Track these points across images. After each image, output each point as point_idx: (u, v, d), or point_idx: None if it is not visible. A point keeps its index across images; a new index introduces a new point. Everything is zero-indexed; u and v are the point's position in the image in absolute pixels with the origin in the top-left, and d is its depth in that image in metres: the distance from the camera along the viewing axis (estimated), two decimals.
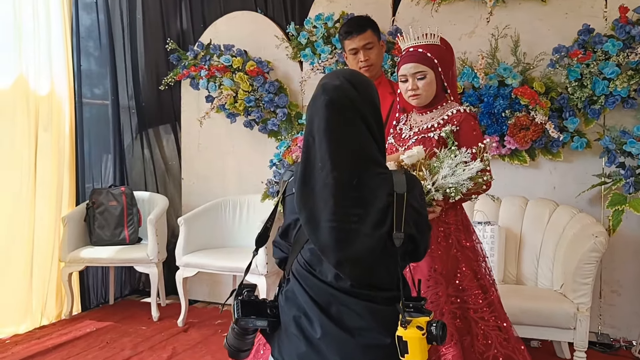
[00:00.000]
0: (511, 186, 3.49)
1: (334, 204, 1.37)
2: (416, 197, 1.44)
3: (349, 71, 1.54)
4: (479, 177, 1.98)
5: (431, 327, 1.33)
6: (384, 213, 1.38)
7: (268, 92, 3.93)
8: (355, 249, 1.37)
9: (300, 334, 1.43)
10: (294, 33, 3.91)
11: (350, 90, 1.43)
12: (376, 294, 1.42)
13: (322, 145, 1.40)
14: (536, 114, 3.22)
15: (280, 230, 1.58)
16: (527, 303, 2.84)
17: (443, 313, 1.96)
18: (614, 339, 3.38)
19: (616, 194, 3.12)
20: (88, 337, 3.58)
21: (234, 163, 4.26)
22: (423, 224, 1.48)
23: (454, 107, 2.21)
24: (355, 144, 1.40)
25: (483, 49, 3.47)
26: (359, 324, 1.40)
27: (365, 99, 1.46)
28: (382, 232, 1.38)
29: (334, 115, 1.41)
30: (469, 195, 2.04)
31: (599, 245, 2.77)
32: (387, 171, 1.44)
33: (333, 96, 1.42)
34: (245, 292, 1.51)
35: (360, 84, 1.48)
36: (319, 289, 1.44)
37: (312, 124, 1.44)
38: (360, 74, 1.56)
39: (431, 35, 2.17)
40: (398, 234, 1.37)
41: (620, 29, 3.15)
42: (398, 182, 1.41)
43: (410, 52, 2.18)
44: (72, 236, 3.95)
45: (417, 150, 2.00)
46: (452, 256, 2.10)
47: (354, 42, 2.74)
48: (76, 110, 4.22)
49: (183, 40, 4.41)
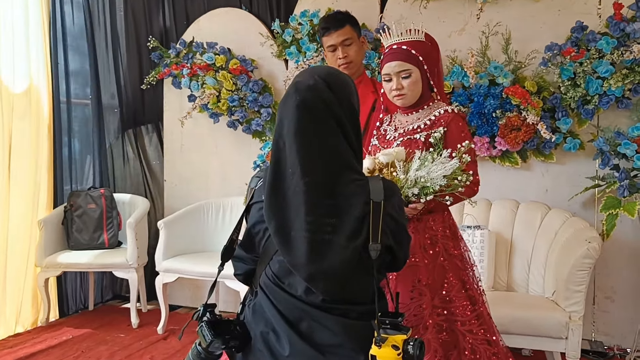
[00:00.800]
0: (502, 189, 3.38)
1: (306, 213, 1.26)
2: (394, 206, 1.34)
3: (326, 69, 1.43)
4: (455, 176, 1.85)
5: (408, 346, 1.22)
6: (360, 222, 1.28)
7: (252, 91, 3.80)
8: (329, 262, 1.26)
9: (267, 351, 1.33)
10: (279, 30, 3.79)
11: (324, 91, 1.33)
12: (350, 309, 1.32)
13: (292, 149, 1.29)
14: (528, 114, 3.11)
15: (242, 242, 1.46)
16: (517, 312, 2.73)
17: (427, 326, 1.85)
18: (607, 346, 3.28)
19: (610, 197, 3.01)
20: (63, 346, 3.44)
21: (218, 164, 4.13)
22: (402, 234, 1.38)
23: (441, 107, 2.09)
24: (328, 149, 1.30)
25: (473, 47, 3.35)
26: (330, 340, 1.29)
27: (342, 100, 1.35)
28: (358, 244, 1.28)
29: (306, 117, 1.30)
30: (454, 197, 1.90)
31: (592, 252, 2.66)
32: (364, 178, 1.33)
33: (306, 97, 1.32)
34: (208, 313, 1.38)
35: (337, 84, 1.37)
36: (288, 304, 1.33)
37: (282, 126, 1.33)
38: (339, 73, 1.45)
39: (415, 31, 2.05)
40: (374, 245, 1.27)
41: (615, 26, 3.04)
42: (375, 189, 1.31)
43: (393, 49, 2.05)
44: (48, 240, 3.81)
45: (397, 150, 1.89)
46: (438, 265, 1.98)
47: (331, 38, 2.62)
48: (54, 109, 4.07)
49: (166, 37, 4.28)
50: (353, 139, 1.36)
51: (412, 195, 1.87)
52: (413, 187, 1.86)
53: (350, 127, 1.36)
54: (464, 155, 1.90)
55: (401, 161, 1.93)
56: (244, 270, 1.50)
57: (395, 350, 1.21)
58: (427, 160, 1.89)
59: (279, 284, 1.35)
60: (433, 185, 1.84)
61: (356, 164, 1.35)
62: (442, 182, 1.84)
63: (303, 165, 1.27)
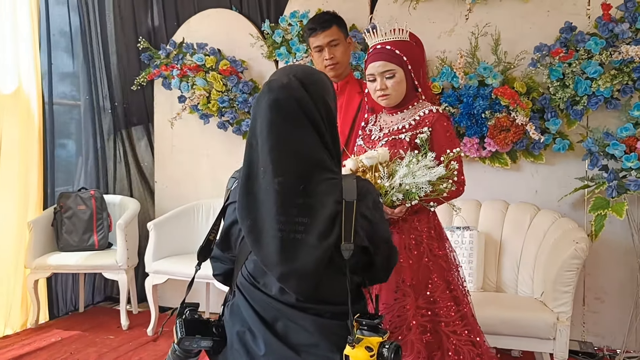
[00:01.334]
0: (492, 190, 3.38)
1: (277, 212, 1.26)
2: (369, 206, 1.32)
3: (301, 68, 1.41)
4: (440, 182, 1.85)
5: (383, 349, 1.21)
6: (331, 222, 1.27)
7: (242, 92, 3.80)
8: (301, 262, 1.25)
9: (244, 351, 1.33)
10: (269, 31, 3.78)
11: (298, 90, 1.32)
12: (325, 309, 1.31)
13: (264, 148, 1.28)
14: (517, 115, 3.10)
15: (218, 242, 1.46)
16: (505, 313, 2.72)
17: (411, 327, 1.84)
18: (597, 347, 3.27)
19: (599, 197, 3.01)
20: (52, 348, 3.42)
21: (208, 165, 4.12)
22: (378, 235, 1.36)
23: (426, 106, 2.08)
24: (300, 149, 1.29)
25: (463, 48, 3.35)
26: (306, 340, 1.29)
27: (317, 99, 1.34)
28: (329, 243, 1.26)
29: (279, 116, 1.29)
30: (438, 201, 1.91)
31: (580, 252, 2.66)
32: (337, 177, 1.31)
33: (279, 96, 1.30)
34: (188, 311, 1.40)
35: (313, 84, 1.36)
36: (264, 303, 1.33)
37: (255, 126, 1.32)
38: (314, 72, 1.43)
39: (399, 31, 2.04)
40: (346, 245, 1.26)
41: (603, 26, 3.04)
42: (348, 188, 1.29)
43: (377, 49, 2.05)
44: (38, 242, 3.79)
45: (380, 151, 1.88)
46: (423, 265, 1.97)
47: (318, 39, 2.62)
48: (44, 110, 4.05)
49: (155, 38, 4.26)
50: (328, 138, 1.34)
51: (396, 200, 1.87)
52: (397, 193, 1.86)
53: (326, 125, 1.34)
54: (452, 163, 1.89)
55: (385, 163, 1.93)
56: (223, 271, 1.50)
57: (369, 352, 1.20)
58: (412, 163, 1.88)
59: (254, 283, 1.35)
60: (418, 191, 1.85)
61: (330, 163, 1.33)
62: (428, 188, 1.84)
63: (275, 164, 1.27)
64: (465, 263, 3.05)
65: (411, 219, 2.00)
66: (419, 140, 1.99)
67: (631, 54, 2.90)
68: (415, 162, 1.86)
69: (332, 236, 1.26)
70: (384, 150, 1.90)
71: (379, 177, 1.84)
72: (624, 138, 2.97)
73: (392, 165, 1.91)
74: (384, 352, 1.20)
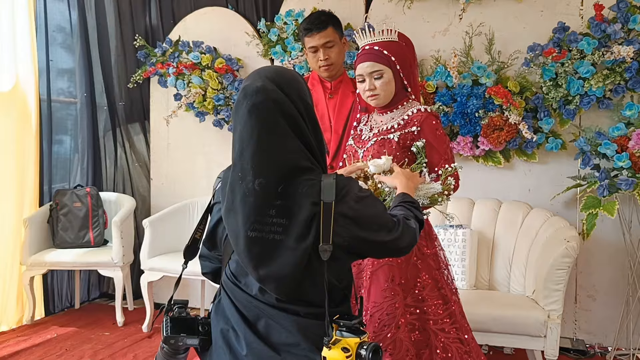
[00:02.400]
0: (485, 188, 3.40)
1: (256, 214, 1.27)
2: (351, 205, 1.31)
3: (272, 69, 1.39)
4: (437, 197, 1.88)
5: (361, 350, 1.21)
6: (308, 224, 1.27)
7: (238, 90, 3.81)
8: (278, 265, 1.26)
9: (227, 349, 1.34)
10: (264, 30, 3.79)
11: (273, 91, 1.30)
12: (306, 310, 1.31)
13: (246, 152, 1.28)
14: (510, 114, 3.12)
15: (204, 240, 1.48)
16: (497, 310, 2.74)
17: (400, 325, 1.86)
18: (589, 345, 3.30)
19: (590, 196, 3.03)
20: (47, 344, 3.44)
21: (204, 163, 4.14)
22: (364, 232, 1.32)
23: (414, 106, 2.10)
24: (280, 151, 1.28)
25: (457, 47, 3.37)
26: (287, 340, 1.30)
27: (293, 97, 1.32)
28: (307, 245, 1.26)
29: (257, 121, 1.28)
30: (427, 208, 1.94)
31: (571, 251, 2.68)
32: (316, 177, 1.31)
33: (255, 100, 1.29)
34: (176, 309, 1.41)
35: (288, 83, 1.34)
36: (246, 302, 1.34)
37: (236, 132, 1.33)
38: (286, 71, 1.41)
39: (388, 32, 2.06)
40: (325, 246, 1.25)
41: (596, 27, 3.06)
42: (326, 188, 1.28)
43: (366, 50, 2.07)
44: (34, 238, 3.81)
45: (385, 159, 1.90)
46: (412, 264, 2.00)
47: (313, 39, 2.62)
48: (41, 107, 4.06)
49: (152, 36, 4.27)
50: (309, 136, 1.33)
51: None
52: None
53: (307, 123, 1.33)
54: (449, 179, 1.92)
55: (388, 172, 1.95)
56: (211, 269, 1.51)
57: (345, 353, 1.19)
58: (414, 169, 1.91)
59: (237, 282, 1.37)
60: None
61: (310, 164, 1.32)
62: (425, 201, 1.87)
63: (255, 167, 1.27)
64: (458, 261, 3.08)
65: None
66: (414, 149, 2.01)
67: (623, 54, 2.92)
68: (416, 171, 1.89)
69: (309, 238, 1.26)
70: (388, 159, 1.92)
71: (380, 183, 1.86)
72: (616, 138, 3.00)
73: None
74: (362, 353, 1.20)
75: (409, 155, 2.04)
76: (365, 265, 2.02)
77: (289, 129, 1.29)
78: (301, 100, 1.34)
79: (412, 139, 2.02)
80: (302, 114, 1.32)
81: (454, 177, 2.01)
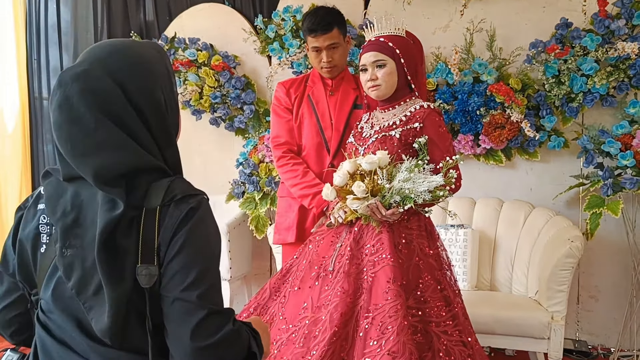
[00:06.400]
0: (486, 187, 3.35)
1: (61, 238, 1.01)
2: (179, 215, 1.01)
3: (112, 46, 1.04)
4: (438, 190, 1.84)
5: None
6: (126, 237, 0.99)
7: (234, 87, 3.75)
8: (91, 291, 0.99)
9: None
10: (262, 26, 3.73)
11: (98, 80, 0.98)
12: (136, 358, 1.01)
13: (67, 157, 1.01)
14: (512, 112, 3.07)
15: None
16: (499, 312, 2.69)
17: (403, 328, 1.80)
18: (591, 346, 3.25)
19: (594, 196, 2.98)
20: None
21: (200, 161, 4.07)
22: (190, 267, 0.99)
23: (417, 102, 2.06)
24: (100, 159, 0.97)
25: (458, 44, 3.32)
26: None
27: (131, 89, 1.00)
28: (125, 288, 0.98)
29: (70, 118, 0.97)
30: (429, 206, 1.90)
31: (575, 251, 2.63)
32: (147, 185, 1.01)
33: (71, 91, 0.97)
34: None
35: (129, 67, 1.01)
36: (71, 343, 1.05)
37: (53, 131, 1.02)
38: (134, 49, 1.05)
39: (396, 28, 2.07)
40: (143, 268, 0.97)
41: (599, 23, 3.01)
42: (154, 194, 1.00)
43: (371, 41, 2.08)
44: None
45: (380, 155, 1.85)
46: (413, 265, 1.94)
47: (317, 41, 2.52)
48: (31, 106, 4.00)
49: (148, 33, 4.21)
50: (146, 137, 1.02)
51: (394, 203, 1.88)
52: (395, 195, 1.85)
53: (147, 117, 1.02)
54: (450, 171, 1.89)
55: (385, 167, 1.91)
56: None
57: None
58: (413, 172, 1.87)
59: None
60: (416, 197, 1.85)
61: (145, 174, 1.01)
62: (427, 196, 1.83)
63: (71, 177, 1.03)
64: (460, 261, 3.03)
65: (401, 217, 1.97)
66: (416, 145, 1.97)
67: (627, 50, 2.88)
68: (416, 171, 1.84)
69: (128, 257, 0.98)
70: (383, 154, 1.88)
71: (379, 178, 1.82)
72: (620, 136, 2.95)
73: (391, 167, 1.90)
74: None
75: (411, 152, 2.01)
76: (365, 264, 1.96)
77: (116, 128, 0.98)
78: (144, 91, 1.02)
79: (415, 135, 1.99)
80: (141, 109, 1.01)
81: (457, 173, 1.97)
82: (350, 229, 2.04)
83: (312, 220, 2.53)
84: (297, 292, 2.04)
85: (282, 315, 2.04)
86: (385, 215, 1.89)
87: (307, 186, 2.49)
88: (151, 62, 1.05)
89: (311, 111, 2.59)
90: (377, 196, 1.90)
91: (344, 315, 1.84)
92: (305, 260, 2.12)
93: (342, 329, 1.83)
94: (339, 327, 1.82)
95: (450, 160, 1.90)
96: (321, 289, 1.98)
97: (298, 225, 2.58)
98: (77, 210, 1.02)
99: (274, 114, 2.67)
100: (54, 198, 1.04)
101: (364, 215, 1.95)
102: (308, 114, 2.59)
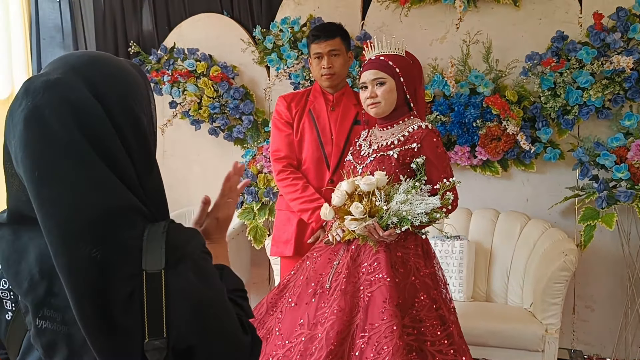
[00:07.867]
0: (482, 198, 3.38)
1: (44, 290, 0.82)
2: (189, 279, 0.84)
3: (88, 56, 0.88)
4: (435, 212, 1.87)
5: None
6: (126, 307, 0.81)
7: (233, 98, 3.77)
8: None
9: None
10: (260, 37, 3.76)
11: (74, 90, 0.81)
12: None
13: (29, 188, 0.79)
14: (508, 124, 3.10)
15: None
16: (494, 324, 2.73)
17: (398, 348, 1.83)
18: (587, 356, 3.28)
19: (588, 208, 3.00)
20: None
21: (199, 171, 4.10)
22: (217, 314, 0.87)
23: (415, 122, 2.09)
24: (72, 191, 0.78)
25: (454, 55, 3.34)
26: None
27: (110, 104, 0.83)
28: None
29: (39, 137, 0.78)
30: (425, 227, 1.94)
31: (569, 264, 2.66)
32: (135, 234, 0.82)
33: (41, 102, 0.79)
34: None
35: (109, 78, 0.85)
36: None
37: (10, 152, 0.83)
38: (111, 61, 0.90)
39: (396, 48, 2.12)
40: (153, 343, 0.79)
41: (595, 36, 3.03)
42: (150, 252, 0.81)
43: (371, 60, 2.13)
44: None
45: (378, 176, 1.88)
46: (410, 284, 1.97)
47: (320, 46, 2.59)
48: None
49: (146, 43, 4.23)
50: (125, 163, 0.84)
51: (391, 224, 1.92)
52: (393, 217, 1.88)
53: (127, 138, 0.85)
54: (447, 194, 1.92)
55: (382, 188, 1.94)
56: None
57: None
58: (411, 193, 1.90)
59: None
60: (413, 219, 1.88)
61: (125, 210, 0.82)
62: (424, 218, 1.87)
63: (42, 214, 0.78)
64: (455, 272, 3.05)
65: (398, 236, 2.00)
66: (414, 165, 2.00)
67: (622, 64, 2.89)
68: (414, 192, 1.88)
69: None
70: (382, 175, 1.90)
71: (377, 200, 1.85)
72: (615, 148, 2.97)
73: (389, 188, 1.93)
74: None
75: (409, 172, 2.04)
76: (362, 283, 1.99)
77: (89, 149, 0.79)
78: (124, 106, 0.85)
79: (412, 156, 2.02)
80: (121, 128, 0.84)
81: (453, 195, 2.01)
82: (348, 247, 2.07)
83: (310, 235, 2.57)
84: (293, 308, 2.08)
85: (278, 331, 2.07)
86: (382, 236, 1.92)
87: (306, 201, 2.52)
88: (131, 75, 0.90)
89: (312, 126, 2.62)
90: (375, 217, 1.93)
91: (340, 333, 1.88)
92: (303, 276, 2.15)
93: (339, 347, 1.86)
94: (335, 345, 1.85)
95: (447, 182, 1.93)
96: (317, 306, 2.01)
97: (296, 239, 2.61)
98: (49, 279, 0.81)
99: (275, 127, 2.71)
100: (13, 262, 0.84)
101: (361, 235, 1.98)
102: (309, 128, 2.63)
